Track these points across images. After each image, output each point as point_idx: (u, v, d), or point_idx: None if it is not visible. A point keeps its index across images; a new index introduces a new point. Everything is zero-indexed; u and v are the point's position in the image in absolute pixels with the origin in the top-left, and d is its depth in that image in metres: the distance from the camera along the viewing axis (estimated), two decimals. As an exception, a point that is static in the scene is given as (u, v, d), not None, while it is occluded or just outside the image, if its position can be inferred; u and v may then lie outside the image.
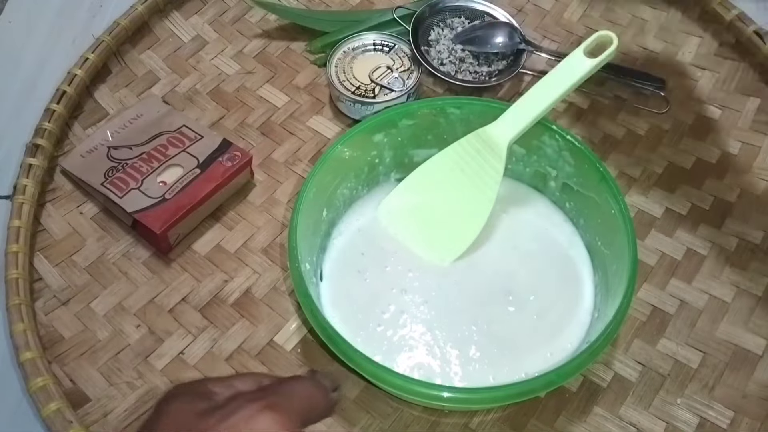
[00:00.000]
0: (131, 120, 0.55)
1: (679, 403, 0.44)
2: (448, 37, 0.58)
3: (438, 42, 0.58)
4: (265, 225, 0.52)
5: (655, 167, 0.54)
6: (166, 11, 0.64)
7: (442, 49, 0.58)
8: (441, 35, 0.59)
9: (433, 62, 0.57)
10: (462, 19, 0.60)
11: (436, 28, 0.59)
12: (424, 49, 0.57)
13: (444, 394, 0.37)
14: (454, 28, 0.59)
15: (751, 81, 0.58)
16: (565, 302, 0.46)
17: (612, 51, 0.44)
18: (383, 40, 0.58)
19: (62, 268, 0.50)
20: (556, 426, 0.43)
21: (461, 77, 0.57)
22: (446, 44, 0.58)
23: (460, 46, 0.57)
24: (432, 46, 0.58)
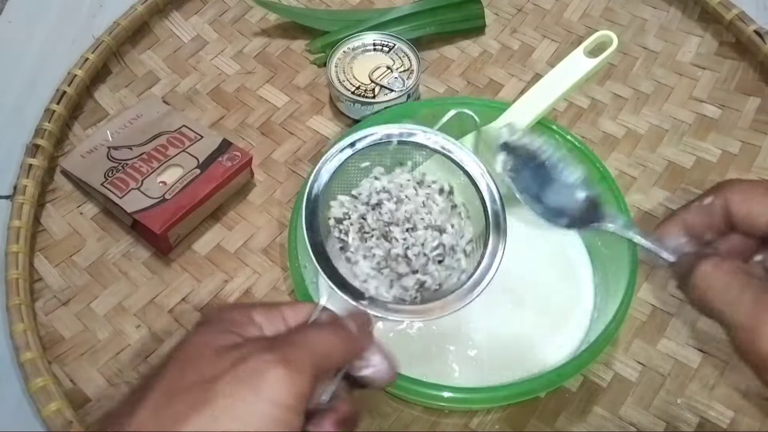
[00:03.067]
0: (131, 120, 0.55)
1: (679, 403, 0.44)
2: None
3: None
4: (265, 225, 0.52)
5: (655, 167, 0.54)
6: (166, 11, 0.64)
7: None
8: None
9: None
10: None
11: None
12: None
13: (444, 393, 0.38)
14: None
15: (751, 80, 0.58)
16: (565, 302, 0.46)
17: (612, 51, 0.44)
18: (383, 40, 0.58)
19: (62, 268, 0.50)
20: (556, 426, 0.43)
21: None
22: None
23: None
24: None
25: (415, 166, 0.39)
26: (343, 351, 0.30)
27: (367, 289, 0.35)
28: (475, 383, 0.43)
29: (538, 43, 0.62)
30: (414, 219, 0.37)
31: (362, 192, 0.38)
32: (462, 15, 0.62)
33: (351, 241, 0.36)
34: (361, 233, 0.37)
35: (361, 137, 0.38)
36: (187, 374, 0.27)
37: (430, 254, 0.37)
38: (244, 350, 0.28)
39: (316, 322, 0.32)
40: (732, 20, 0.59)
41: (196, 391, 0.26)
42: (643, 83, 0.59)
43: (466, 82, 0.60)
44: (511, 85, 0.59)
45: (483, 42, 0.62)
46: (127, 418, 0.26)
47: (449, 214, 0.38)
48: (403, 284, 0.36)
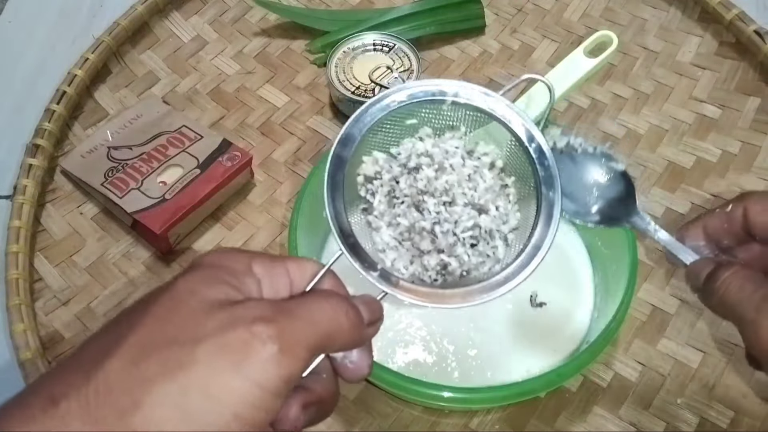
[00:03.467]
0: (131, 120, 0.55)
1: (679, 402, 0.44)
2: None
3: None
4: (265, 225, 0.52)
5: (655, 167, 0.54)
6: (166, 11, 0.64)
7: None
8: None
9: None
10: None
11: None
12: None
13: (444, 393, 0.38)
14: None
15: (751, 80, 0.58)
16: (565, 302, 0.46)
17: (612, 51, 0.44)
18: (383, 40, 0.58)
19: (62, 268, 0.50)
20: (556, 426, 0.43)
21: None
22: None
23: None
24: None
25: (468, 132, 0.34)
26: (347, 339, 0.27)
27: (383, 261, 0.31)
28: (475, 383, 0.43)
29: (538, 43, 0.62)
30: (454, 192, 0.32)
31: (402, 152, 0.33)
32: (462, 15, 0.62)
33: (377, 203, 0.32)
34: (390, 197, 0.32)
35: (413, 88, 0.32)
36: (168, 327, 0.24)
37: (461, 235, 0.32)
38: (236, 312, 0.24)
39: (324, 292, 0.28)
40: (732, 20, 0.59)
41: (173, 350, 0.23)
42: (643, 83, 0.59)
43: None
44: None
45: (483, 42, 0.62)
46: (94, 366, 0.23)
47: (496, 193, 0.33)
48: (424, 262, 0.32)
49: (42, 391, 0.23)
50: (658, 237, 0.35)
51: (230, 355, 0.23)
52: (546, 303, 0.46)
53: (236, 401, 0.23)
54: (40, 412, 0.23)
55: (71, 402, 0.23)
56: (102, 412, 0.22)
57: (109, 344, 0.24)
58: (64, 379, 0.24)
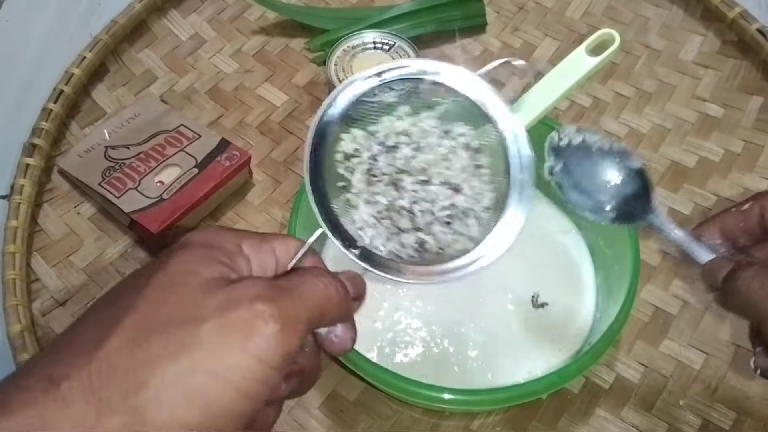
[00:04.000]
0: (129, 119, 0.55)
1: (681, 404, 0.44)
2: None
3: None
4: (264, 225, 0.52)
5: (657, 166, 0.54)
6: (164, 9, 0.64)
7: None
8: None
9: None
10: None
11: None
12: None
13: (445, 395, 0.37)
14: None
15: (754, 79, 0.58)
16: (567, 303, 0.46)
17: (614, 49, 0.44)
18: (383, 38, 0.57)
19: (59, 268, 0.50)
20: (558, 427, 0.43)
21: None
22: None
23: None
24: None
25: (445, 112, 0.34)
26: (336, 314, 0.28)
27: (362, 237, 0.32)
28: (476, 384, 0.42)
29: (539, 41, 0.62)
30: (430, 171, 0.33)
31: (380, 130, 0.34)
32: (463, 13, 0.61)
33: (355, 181, 0.33)
34: (369, 175, 0.33)
35: (391, 68, 0.33)
36: (167, 308, 0.24)
37: (438, 213, 0.33)
38: (235, 292, 0.25)
39: (313, 269, 0.29)
40: (734, 19, 0.59)
41: (175, 331, 0.23)
42: (646, 82, 0.58)
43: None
44: (513, 84, 0.59)
45: (484, 40, 0.62)
46: (94, 346, 0.23)
47: (470, 173, 0.33)
48: (402, 240, 0.33)
49: (40, 372, 0.23)
50: (674, 235, 0.35)
51: (234, 334, 0.24)
52: (548, 303, 0.46)
53: (241, 378, 0.23)
54: (41, 393, 0.22)
55: (73, 382, 0.22)
56: (106, 392, 0.22)
57: (107, 324, 0.24)
58: (62, 359, 0.23)
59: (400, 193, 0.33)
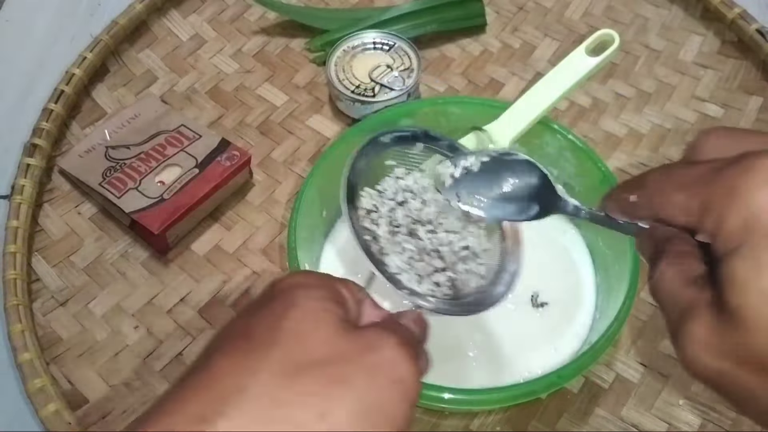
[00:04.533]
0: (129, 119, 0.55)
1: (681, 404, 0.44)
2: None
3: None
4: (264, 225, 0.52)
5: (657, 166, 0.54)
6: (165, 10, 0.64)
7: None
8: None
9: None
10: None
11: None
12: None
13: (445, 395, 0.37)
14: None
15: (754, 79, 0.58)
16: (567, 302, 0.46)
17: (614, 50, 0.44)
18: (383, 38, 0.57)
19: (60, 268, 0.50)
20: (558, 427, 0.43)
21: None
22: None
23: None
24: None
25: (437, 173, 0.38)
26: (422, 349, 0.30)
27: (401, 281, 0.35)
28: (476, 384, 0.43)
29: (539, 41, 0.62)
30: (435, 222, 0.37)
31: (387, 189, 0.38)
32: (463, 13, 0.61)
33: (382, 233, 0.36)
34: (392, 227, 0.36)
35: (390, 133, 0.38)
36: (313, 346, 0.25)
37: (459, 254, 0.37)
38: (371, 336, 0.26)
39: (402, 313, 0.32)
40: (734, 19, 0.59)
41: (327, 368, 0.24)
42: (645, 82, 0.58)
43: (466, 80, 0.59)
44: (513, 84, 0.59)
45: (484, 40, 0.62)
46: (244, 382, 0.23)
47: (466, 221, 0.38)
48: (435, 280, 0.36)
49: (184, 412, 0.22)
50: (587, 216, 0.34)
51: (385, 371, 0.25)
52: (547, 303, 0.46)
53: (396, 411, 0.25)
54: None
55: (230, 420, 0.22)
56: (277, 426, 0.22)
57: (249, 361, 0.24)
58: (206, 397, 0.23)
59: (421, 241, 0.36)
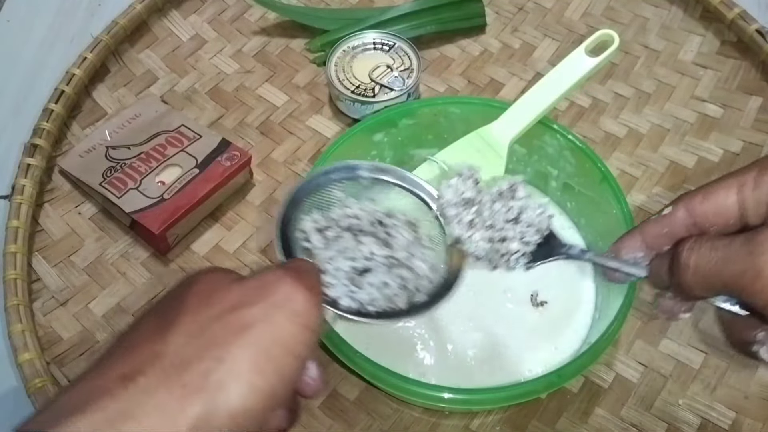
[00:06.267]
0: (130, 120, 0.55)
1: (681, 404, 0.44)
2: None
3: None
4: (264, 225, 0.52)
5: (657, 166, 0.54)
6: (165, 10, 0.64)
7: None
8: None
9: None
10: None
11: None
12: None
13: (445, 395, 0.37)
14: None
15: (753, 80, 0.58)
16: (566, 302, 0.46)
17: (614, 50, 0.44)
18: (383, 38, 0.57)
19: (60, 268, 0.50)
20: (557, 427, 0.43)
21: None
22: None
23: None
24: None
25: (384, 201, 0.39)
26: (315, 278, 0.32)
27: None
28: (476, 384, 0.43)
29: (539, 42, 0.62)
30: (387, 244, 0.36)
31: (333, 215, 0.37)
32: (462, 13, 0.61)
33: (318, 245, 0.36)
34: (329, 240, 0.36)
35: (336, 168, 0.38)
36: (213, 305, 0.27)
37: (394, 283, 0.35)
38: (264, 278, 0.29)
39: (294, 259, 0.34)
40: (733, 19, 0.59)
41: (229, 318, 0.27)
42: (645, 82, 0.58)
43: (466, 81, 0.60)
44: (512, 85, 0.59)
45: (484, 41, 0.62)
46: (158, 346, 0.26)
47: (412, 243, 0.37)
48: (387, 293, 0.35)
49: (109, 373, 0.25)
50: (591, 259, 0.36)
51: (279, 309, 0.27)
52: (547, 302, 0.46)
53: (296, 343, 0.27)
54: (120, 389, 0.24)
55: (149, 377, 0.24)
56: (186, 378, 0.25)
57: (162, 329, 0.26)
58: (128, 361, 0.25)
59: (361, 255, 0.36)
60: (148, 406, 0.24)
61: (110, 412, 0.23)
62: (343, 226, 0.36)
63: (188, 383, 0.25)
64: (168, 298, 0.29)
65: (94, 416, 0.23)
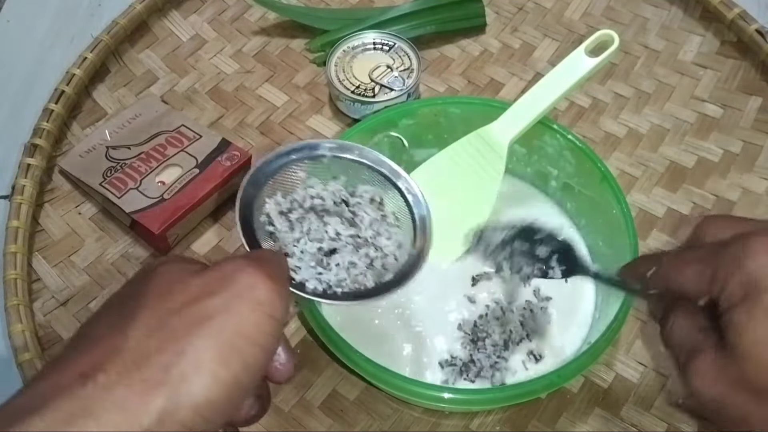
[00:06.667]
0: (130, 120, 0.55)
1: (680, 404, 0.44)
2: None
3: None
4: (265, 225, 0.52)
5: (656, 166, 0.54)
6: (165, 10, 0.64)
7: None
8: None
9: None
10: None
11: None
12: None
13: (445, 395, 0.37)
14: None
15: (753, 80, 0.58)
16: (566, 302, 0.46)
17: (614, 50, 0.44)
18: (383, 39, 0.57)
19: (61, 268, 0.50)
20: (557, 427, 0.43)
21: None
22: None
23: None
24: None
25: (348, 180, 0.38)
26: (278, 266, 0.31)
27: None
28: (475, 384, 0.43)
29: (539, 42, 0.62)
30: (352, 223, 0.36)
31: (296, 197, 0.37)
32: (462, 14, 0.62)
33: (282, 229, 0.35)
34: (293, 222, 0.36)
35: (295, 148, 0.38)
36: (173, 298, 0.26)
37: (361, 261, 0.35)
38: (225, 268, 0.27)
39: (259, 249, 0.33)
40: (733, 19, 0.59)
41: (190, 309, 0.26)
42: (645, 82, 0.58)
43: (466, 81, 0.60)
44: (512, 85, 0.59)
45: (483, 41, 0.62)
46: (117, 341, 0.25)
47: (379, 222, 0.37)
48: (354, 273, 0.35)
49: (68, 371, 0.24)
50: (606, 281, 0.38)
51: (242, 299, 0.26)
52: (551, 298, 0.46)
53: (260, 333, 0.26)
54: (78, 387, 0.23)
55: (108, 373, 0.24)
56: (147, 373, 0.24)
57: (122, 323, 0.26)
58: (87, 358, 0.25)
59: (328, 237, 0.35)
60: (107, 403, 0.23)
61: (68, 411, 0.23)
62: (307, 207, 0.36)
63: (149, 377, 0.24)
64: (127, 291, 0.28)
65: (51, 416, 0.22)
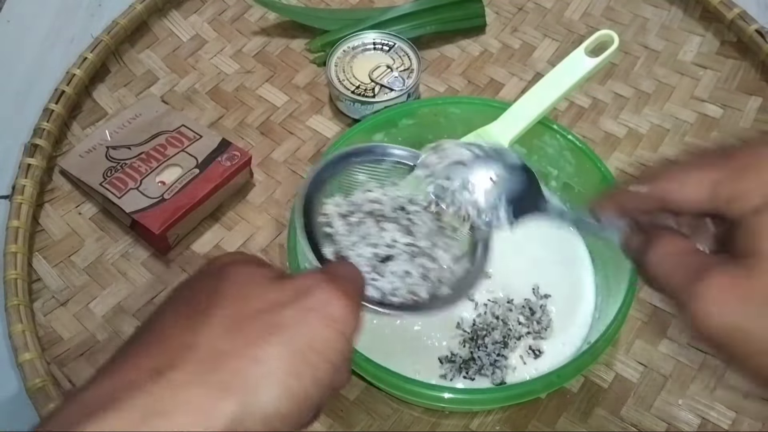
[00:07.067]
0: (130, 120, 0.55)
1: (680, 404, 0.44)
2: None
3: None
4: (265, 225, 0.52)
5: (656, 167, 0.54)
6: (165, 10, 0.64)
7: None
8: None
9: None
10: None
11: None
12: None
13: (445, 395, 0.37)
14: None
15: (753, 80, 0.58)
16: (566, 302, 0.46)
17: (613, 50, 0.44)
18: (383, 39, 0.57)
19: (61, 268, 0.50)
20: (557, 427, 0.43)
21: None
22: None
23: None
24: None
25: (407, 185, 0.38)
26: (355, 286, 0.31)
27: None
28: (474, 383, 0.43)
29: (539, 42, 0.62)
30: (409, 232, 0.36)
31: (355, 200, 0.36)
32: (462, 14, 0.62)
33: (341, 237, 0.34)
34: (352, 226, 0.35)
35: (359, 150, 0.37)
36: (250, 303, 0.26)
37: (416, 271, 0.35)
38: (304, 282, 0.28)
39: (338, 261, 0.33)
40: (733, 19, 0.59)
41: (265, 317, 0.26)
42: (645, 83, 0.58)
43: (466, 81, 0.60)
44: (512, 85, 0.59)
45: (483, 41, 0.62)
46: (188, 341, 0.24)
47: (435, 232, 0.36)
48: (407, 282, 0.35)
49: (137, 367, 0.24)
50: (572, 219, 0.35)
51: (315, 314, 0.26)
52: (550, 295, 0.46)
53: (331, 350, 0.26)
54: (149, 383, 0.23)
55: (180, 372, 0.23)
56: (220, 375, 0.24)
57: (194, 321, 0.25)
58: (157, 354, 0.24)
59: (381, 244, 0.35)
60: (179, 402, 0.23)
61: (138, 407, 0.22)
62: (366, 211, 0.35)
63: (222, 381, 0.24)
64: (197, 287, 0.28)
65: (125, 413, 0.22)
